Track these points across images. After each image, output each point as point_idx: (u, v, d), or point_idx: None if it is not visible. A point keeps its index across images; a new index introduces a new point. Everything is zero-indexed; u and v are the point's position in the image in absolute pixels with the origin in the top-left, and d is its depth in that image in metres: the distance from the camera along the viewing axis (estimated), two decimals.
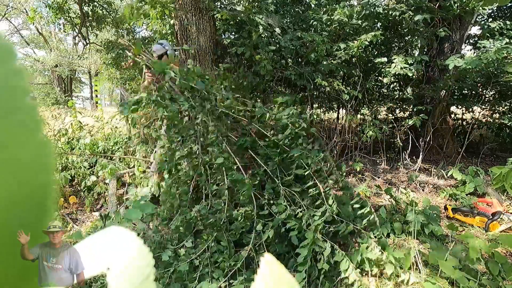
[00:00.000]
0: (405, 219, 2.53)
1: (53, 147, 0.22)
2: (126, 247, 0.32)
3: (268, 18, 3.81)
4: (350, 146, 4.66)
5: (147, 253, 0.32)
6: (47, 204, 0.22)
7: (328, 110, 6.40)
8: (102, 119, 5.30)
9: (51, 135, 4.76)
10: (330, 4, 4.81)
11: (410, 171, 4.37)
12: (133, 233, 0.33)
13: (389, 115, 5.91)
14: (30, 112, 0.20)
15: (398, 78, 5.53)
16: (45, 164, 0.21)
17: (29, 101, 0.20)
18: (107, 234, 0.35)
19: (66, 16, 5.61)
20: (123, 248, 0.32)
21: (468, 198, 3.27)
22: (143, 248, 0.32)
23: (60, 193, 3.34)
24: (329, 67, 4.31)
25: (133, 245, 0.32)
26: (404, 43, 5.57)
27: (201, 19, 3.79)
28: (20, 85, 0.20)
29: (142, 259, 0.31)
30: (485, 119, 5.57)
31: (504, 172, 1.48)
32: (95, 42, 7.98)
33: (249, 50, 3.73)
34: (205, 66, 3.91)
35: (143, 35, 7.13)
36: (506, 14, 5.24)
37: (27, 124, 0.20)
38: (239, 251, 1.93)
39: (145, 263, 0.30)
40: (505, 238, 1.59)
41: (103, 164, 3.65)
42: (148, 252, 0.32)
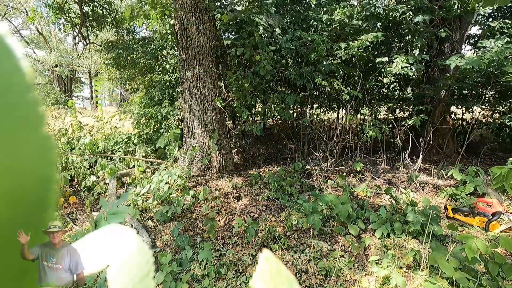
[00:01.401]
0: (405, 219, 2.54)
1: (55, 143, 0.22)
2: (125, 244, 0.32)
3: (269, 18, 3.81)
4: (350, 146, 4.66)
5: (147, 250, 0.32)
6: (48, 199, 0.22)
7: (328, 110, 6.40)
8: (102, 119, 5.30)
9: (51, 135, 4.75)
10: (330, 4, 4.81)
11: (410, 171, 4.37)
12: (132, 230, 0.33)
13: (389, 115, 5.91)
14: (32, 108, 0.20)
15: (398, 78, 5.53)
16: (47, 158, 0.21)
17: (31, 97, 0.20)
18: (107, 232, 0.35)
19: (66, 16, 5.60)
20: (122, 245, 0.32)
21: (468, 198, 3.26)
22: (143, 245, 0.32)
23: (60, 193, 3.33)
24: (329, 67, 4.31)
25: (133, 242, 0.32)
26: (404, 43, 5.57)
27: (201, 19, 3.79)
28: (22, 81, 0.20)
29: (141, 256, 0.31)
30: (485, 119, 5.57)
31: (504, 172, 1.48)
32: (95, 42, 7.97)
33: (249, 50, 3.73)
34: (205, 66, 3.91)
35: (143, 35, 7.13)
36: (506, 14, 5.24)
37: (29, 120, 0.20)
38: None
39: (144, 260, 0.31)
40: (505, 241, 1.59)
41: (103, 164, 3.66)
42: (147, 249, 0.32)
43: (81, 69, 18.66)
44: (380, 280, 1.92)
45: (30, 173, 0.21)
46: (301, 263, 2.13)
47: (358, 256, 2.25)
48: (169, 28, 4.52)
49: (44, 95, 16.08)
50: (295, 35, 3.92)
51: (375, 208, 3.03)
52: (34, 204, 0.22)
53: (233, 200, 3.20)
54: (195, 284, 1.90)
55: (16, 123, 0.19)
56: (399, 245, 2.31)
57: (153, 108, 4.99)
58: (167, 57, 5.64)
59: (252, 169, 4.42)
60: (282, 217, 2.78)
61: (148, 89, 5.62)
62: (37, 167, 0.21)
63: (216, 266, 2.04)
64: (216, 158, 4.06)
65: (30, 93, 0.20)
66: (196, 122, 4.03)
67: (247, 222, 2.44)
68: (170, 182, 3.27)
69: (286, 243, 2.33)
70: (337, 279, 1.98)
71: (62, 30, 6.26)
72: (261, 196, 3.29)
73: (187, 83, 3.98)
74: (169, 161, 4.29)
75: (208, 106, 3.99)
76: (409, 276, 1.96)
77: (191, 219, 2.77)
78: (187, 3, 3.73)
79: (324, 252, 2.28)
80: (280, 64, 4.12)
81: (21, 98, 0.20)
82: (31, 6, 7.22)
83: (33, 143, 0.20)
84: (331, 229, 2.59)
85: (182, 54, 3.96)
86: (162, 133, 4.49)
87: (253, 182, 3.70)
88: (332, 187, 3.71)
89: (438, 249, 1.97)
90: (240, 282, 1.92)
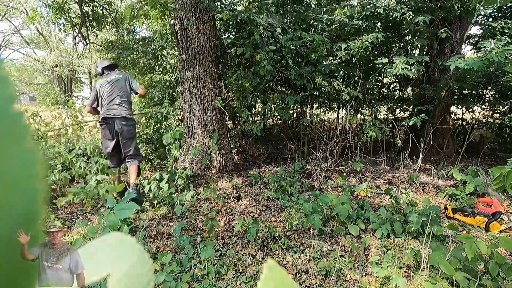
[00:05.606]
0: (405, 219, 2.54)
1: (41, 155, 0.22)
2: (126, 253, 0.32)
3: (269, 18, 3.81)
4: (350, 146, 4.66)
5: (147, 259, 0.32)
6: (34, 214, 0.22)
7: (328, 110, 6.41)
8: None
9: (51, 135, 4.76)
10: (331, 4, 4.81)
11: (410, 171, 4.37)
12: (133, 238, 0.33)
13: (389, 115, 5.92)
14: (15, 120, 0.20)
15: (399, 78, 5.53)
16: (32, 171, 0.21)
17: (14, 108, 0.19)
18: (108, 240, 0.34)
19: (66, 16, 5.61)
20: (123, 254, 0.32)
21: (468, 198, 3.26)
22: (144, 255, 0.32)
23: (60, 193, 3.33)
24: (329, 67, 4.30)
25: (134, 251, 0.32)
26: (404, 44, 5.57)
27: (201, 19, 3.79)
28: (5, 93, 0.19)
29: (142, 266, 0.31)
30: (485, 119, 5.57)
31: (504, 172, 1.48)
32: (95, 42, 7.98)
33: (249, 50, 3.73)
34: (205, 66, 3.91)
35: (143, 35, 7.13)
36: (506, 14, 5.24)
37: (11, 133, 0.20)
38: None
39: (145, 270, 0.30)
40: (505, 241, 1.59)
41: (103, 164, 3.66)
42: (148, 258, 0.32)
43: (81, 69, 18.67)
44: (380, 280, 1.92)
45: (14, 187, 0.20)
46: (301, 263, 2.13)
47: (358, 256, 2.25)
48: (169, 28, 4.53)
49: (44, 95, 16.09)
50: (295, 34, 3.92)
51: (375, 208, 3.03)
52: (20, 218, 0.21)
53: (233, 200, 3.20)
54: (195, 284, 1.90)
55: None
56: (399, 245, 2.31)
57: (153, 108, 4.99)
58: (167, 57, 5.64)
59: (252, 169, 4.42)
60: (282, 217, 2.78)
61: (148, 89, 5.62)
62: (22, 181, 0.21)
63: (216, 266, 2.04)
64: (216, 158, 4.06)
65: (13, 104, 0.19)
66: (196, 122, 4.03)
67: (248, 222, 2.44)
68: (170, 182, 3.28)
69: (286, 243, 2.33)
70: (337, 279, 1.98)
71: (62, 30, 6.25)
72: (261, 196, 3.29)
73: (187, 83, 3.98)
74: (169, 161, 4.29)
75: (208, 106, 3.99)
76: (409, 276, 1.96)
77: (191, 219, 2.77)
78: (187, 3, 3.73)
79: (324, 252, 2.28)
80: (280, 64, 4.12)
81: (3, 110, 0.19)
82: (31, 6, 7.22)
83: (17, 156, 0.20)
84: (331, 229, 2.59)
85: (182, 54, 3.96)
86: (163, 133, 4.49)
87: (253, 182, 3.70)
88: (332, 187, 3.71)
89: (438, 249, 1.97)
90: (240, 282, 1.92)
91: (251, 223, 2.41)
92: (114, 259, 0.32)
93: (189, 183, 3.53)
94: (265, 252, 2.27)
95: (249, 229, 2.36)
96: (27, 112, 4.41)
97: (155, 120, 4.93)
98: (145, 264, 0.31)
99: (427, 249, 2.08)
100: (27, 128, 0.20)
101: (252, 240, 2.34)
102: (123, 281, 0.29)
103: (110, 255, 0.33)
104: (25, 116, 0.30)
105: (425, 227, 2.35)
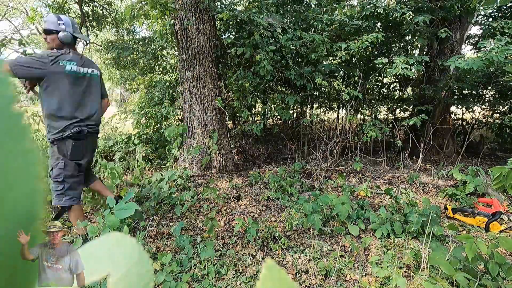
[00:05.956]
0: (405, 219, 2.54)
1: (41, 155, 0.22)
2: (126, 253, 0.32)
3: (269, 18, 3.81)
4: (350, 146, 4.66)
5: (147, 259, 0.32)
6: (34, 213, 0.22)
7: (328, 110, 6.41)
8: (102, 119, 5.30)
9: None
10: (330, 4, 4.81)
11: (410, 171, 4.37)
12: (133, 238, 0.33)
13: (389, 115, 5.92)
14: (15, 120, 0.20)
15: (398, 78, 5.54)
16: (32, 171, 0.21)
17: (14, 108, 0.19)
18: (108, 240, 0.34)
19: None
20: (123, 254, 0.32)
21: (468, 198, 3.26)
22: (143, 255, 0.32)
23: None
24: (329, 67, 4.30)
25: (134, 251, 0.32)
26: (404, 43, 5.58)
27: (201, 19, 3.79)
28: (5, 93, 0.19)
29: (142, 266, 0.31)
30: (485, 119, 5.57)
31: (504, 172, 1.48)
32: (95, 42, 7.98)
33: (249, 50, 3.73)
34: (205, 66, 3.91)
35: (143, 35, 7.13)
36: (506, 14, 5.24)
37: (11, 133, 0.20)
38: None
39: (145, 270, 0.30)
40: (505, 241, 1.59)
41: (103, 164, 3.65)
42: (148, 258, 0.32)
43: None
44: (380, 280, 1.92)
45: (14, 187, 0.20)
46: (301, 263, 2.13)
47: (358, 256, 2.25)
48: (169, 28, 4.53)
49: None
50: (295, 34, 3.92)
51: (375, 208, 3.03)
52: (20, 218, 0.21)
53: (233, 200, 3.20)
54: (195, 284, 1.90)
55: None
56: (399, 245, 2.31)
57: (153, 108, 4.99)
58: (167, 57, 5.64)
59: (252, 169, 4.42)
60: (282, 217, 2.78)
61: (148, 89, 5.62)
62: (22, 181, 0.21)
63: (216, 266, 2.04)
64: (216, 158, 4.06)
65: (13, 104, 0.19)
66: (196, 122, 4.03)
67: (248, 222, 2.44)
68: (170, 182, 3.28)
69: (286, 243, 2.33)
70: (337, 279, 1.98)
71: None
72: (261, 196, 3.29)
73: (187, 83, 3.98)
74: (169, 161, 4.29)
75: (208, 106, 4.00)
76: (409, 276, 1.96)
77: (191, 219, 2.77)
78: (187, 3, 3.73)
79: (324, 252, 2.28)
80: (280, 64, 4.12)
81: (3, 110, 0.19)
82: (31, 6, 7.22)
83: (17, 156, 0.20)
84: (331, 229, 2.59)
85: (182, 54, 3.96)
86: (163, 133, 4.49)
87: (253, 182, 3.70)
88: (332, 187, 3.71)
89: (438, 249, 1.97)
90: (240, 282, 1.93)
91: (251, 223, 2.41)
92: (114, 259, 0.32)
93: (189, 183, 3.53)
94: (265, 252, 2.27)
95: (249, 229, 2.36)
96: (27, 112, 4.41)
97: (155, 120, 4.93)
98: (145, 264, 0.31)
99: (427, 249, 2.08)
100: (27, 128, 0.20)
101: (252, 240, 2.34)
102: (123, 281, 0.29)
103: (110, 255, 0.33)
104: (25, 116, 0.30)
105: (425, 227, 2.35)
